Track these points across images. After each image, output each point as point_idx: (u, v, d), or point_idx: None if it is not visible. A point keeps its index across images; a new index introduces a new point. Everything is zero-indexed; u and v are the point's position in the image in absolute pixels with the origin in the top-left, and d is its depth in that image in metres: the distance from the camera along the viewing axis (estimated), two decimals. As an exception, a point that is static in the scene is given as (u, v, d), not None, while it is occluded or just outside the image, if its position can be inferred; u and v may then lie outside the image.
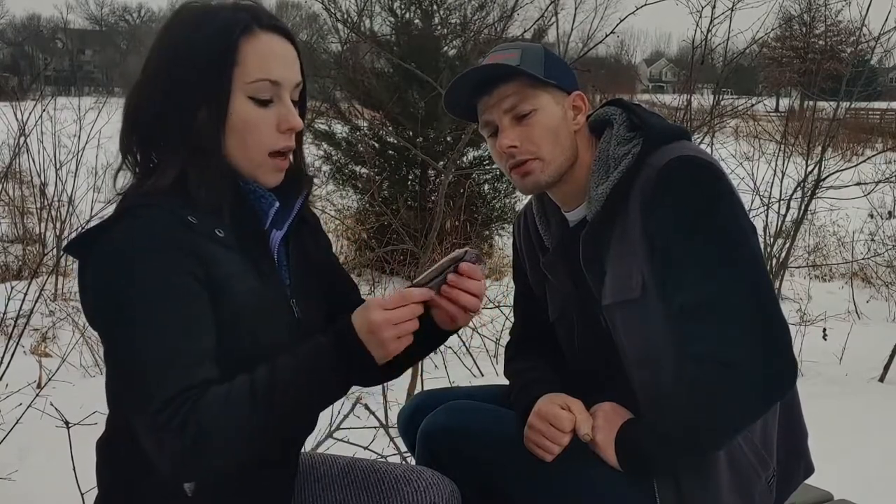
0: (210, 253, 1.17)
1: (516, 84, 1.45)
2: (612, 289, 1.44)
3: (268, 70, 1.21)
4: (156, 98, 1.21)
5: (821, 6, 8.26)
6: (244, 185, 1.25)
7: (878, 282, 6.42)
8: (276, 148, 1.24)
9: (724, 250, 1.35)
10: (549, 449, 1.43)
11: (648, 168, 1.40)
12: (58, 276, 5.36)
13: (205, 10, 1.23)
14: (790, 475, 1.53)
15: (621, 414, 1.43)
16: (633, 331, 1.43)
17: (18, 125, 5.40)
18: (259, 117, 1.22)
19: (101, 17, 75.47)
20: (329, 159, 7.21)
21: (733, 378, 1.32)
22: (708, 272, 1.34)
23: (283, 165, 1.27)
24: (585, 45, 5.63)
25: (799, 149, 5.54)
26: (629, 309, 1.42)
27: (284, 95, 1.24)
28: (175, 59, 1.21)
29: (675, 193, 1.36)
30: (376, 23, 7.24)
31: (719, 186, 1.38)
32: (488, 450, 1.50)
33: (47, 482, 2.80)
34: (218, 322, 1.17)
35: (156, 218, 1.15)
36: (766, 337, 1.33)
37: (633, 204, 1.40)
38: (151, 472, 1.20)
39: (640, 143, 1.44)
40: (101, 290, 1.15)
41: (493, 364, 4.33)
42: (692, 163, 1.39)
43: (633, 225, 1.40)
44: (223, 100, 1.20)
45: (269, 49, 1.22)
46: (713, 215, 1.36)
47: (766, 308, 1.34)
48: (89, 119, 6.43)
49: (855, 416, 3.70)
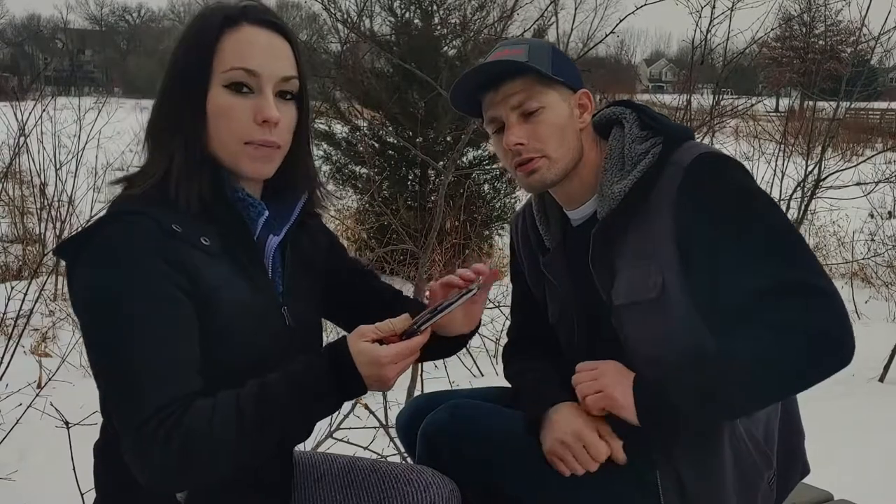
0: (195, 261, 1.16)
1: (524, 80, 1.44)
2: (625, 288, 1.42)
3: (243, 59, 1.20)
4: (156, 100, 1.24)
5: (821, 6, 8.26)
6: (232, 192, 1.24)
7: (877, 282, 6.43)
8: (251, 139, 1.22)
9: (774, 231, 1.34)
10: (573, 468, 1.41)
11: (673, 166, 1.39)
12: (58, 276, 5.36)
13: (204, 10, 1.24)
14: (789, 475, 1.53)
15: (626, 373, 1.39)
16: (646, 330, 1.41)
17: (18, 125, 5.39)
18: (233, 105, 1.20)
19: (101, 17, 75.49)
20: (329, 159, 7.21)
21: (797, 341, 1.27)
22: (766, 254, 1.31)
23: (263, 155, 1.23)
24: (585, 45, 5.64)
25: (799, 149, 5.55)
26: (644, 309, 1.40)
27: (266, 87, 1.22)
28: (171, 59, 1.23)
29: (711, 191, 1.35)
30: (376, 23, 7.25)
31: (748, 178, 1.38)
32: (488, 450, 1.50)
33: (47, 482, 2.81)
34: (205, 332, 1.15)
35: (135, 226, 1.14)
36: (835, 304, 1.29)
37: (657, 203, 1.39)
38: None
39: (660, 140, 1.43)
40: (84, 297, 1.14)
41: (493, 364, 4.33)
42: (719, 159, 1.39)
43: (656, 224, 1.39)
44: (202, 89, 1.20)
45: (249, 39, 1.22)
46: (752, 203, 1.35)
47: (826, 279, 1.32)
48: (89, 119, 6.44)
49: (855, 416, 3.70)
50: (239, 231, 1.24)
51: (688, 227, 1.36)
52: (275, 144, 1.24)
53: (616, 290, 1.43)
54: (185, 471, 1.09)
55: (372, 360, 1.16)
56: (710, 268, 1.34)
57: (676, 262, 1.37)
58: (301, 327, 1.30)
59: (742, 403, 1.33)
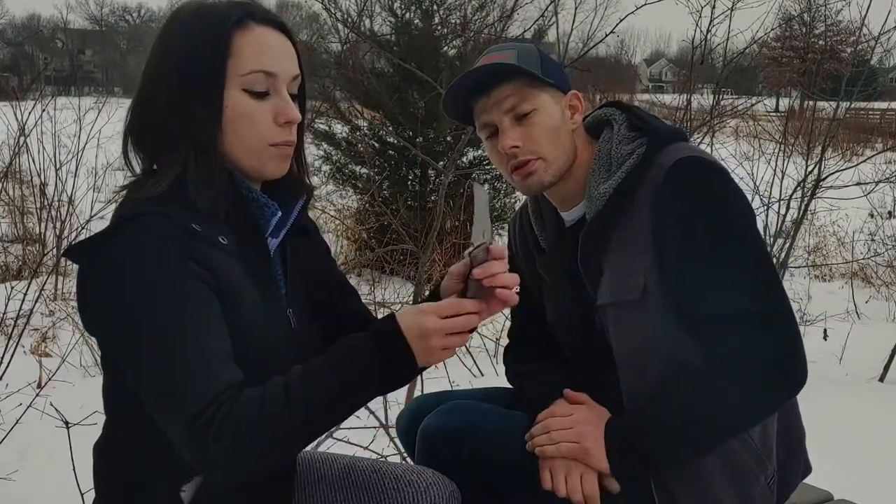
0: (216, 260, 1.15)
1: (515, 84, 1.44)
2: (609, 288, 1.43)
3: (262, 61, 1.19)
4: (156, 101, 1.20)
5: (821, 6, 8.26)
6: (247, 192, 1.23)
7: (878, 282, 6.43)
8: (274, 141, 1.22)
9: (743, 255, 1.35)
10: None
11: (655, 168, 1.39)
12: (58, 276, 5.36)
13: (199, 8, 1.22)
14: (789, 475, 1.53)
15: (600, 419, 1.42)
16: (625, 332, 1.42)
17: (18, 125, 5.39)
18: (255, 109, 1.20)
19: (101, 17, 75.47)
20: (329, 159, 7.21)
21: (754, 377, 1.31)
22: (728, 278, 1.33)
23: (286, 153, 1.24)
24: (585, 45, 5.64)
25: (799, 149, 5.55)
26: (625, 310, 1.41)
27: (281, 88, 1.22)
28: (172, 58, 1.20)
29: (687, 196, 1.35)
30: (376, 23, 7.26)
31: (728, 188, 1.38)
32: (488, 450, 1.50)
33: (47, 482, 2.80)
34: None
35: (159, 225, 1.12)
36: (786, 339, 1.33)
37: (640, 204, 1.39)
38: (148, 476, 1.20)
39: (644, 142, 1.44)
40: (113, 302, 1.11)
41: (493, 364, 4.33)
42: (700, 164, 1.38)
43: (638, 225, 1.39)
44: (218, 93, 1.18)
45: (263, 41, 1.21)
46: (728, 220, 1.35)
47: (783, 310, 1.34)
48: (89, 119, 6.44)
49: (855, 416, 3.70)
50: (252, 231, 1.23)
51: (663, 231, 1.37)
52: (293, 143, 1.25)
53: (601, 289, 1.44)
54: (242, 460, 1.08)
55: (417, 328, 1.13)
56: (679, 275, 1.35)
57: (656, 264, 1.37)
58: (305, 330, 1.30)
59: (710, 446, 1.37)
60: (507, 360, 1.71)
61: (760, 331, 1.32)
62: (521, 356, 1.67)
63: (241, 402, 1.08)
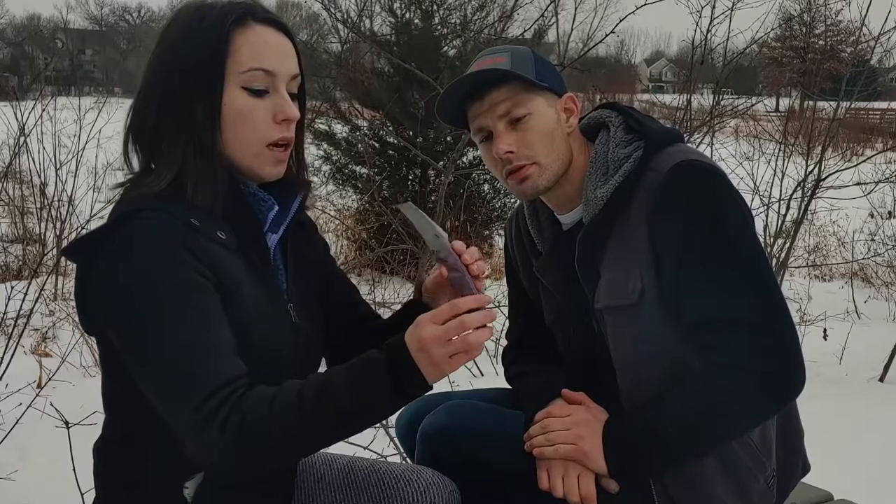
0: (216, 255, 1.16)
1: (509, 88, 1.43)
2: (606, 292, 1.43)
3: (261, 59, 1.20)
4: (155, 100, 1.20)
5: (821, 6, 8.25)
6: (245, 187, 1.24)
7: (877, 282, 6.43)
8: (272, 139, 1.22)
9: (740, 260, 1.35)
10: None
11: (653, 172, 1.39)
12: (58, 276, 5.36)
13: (199, 7, 1.22)
14: (789, 474, 1.53)
15: (598, 420, 1.42)
16: (622, 335, 1.42)
17: (18, 125, 5.39)
18: (254, 107, 1.20)
19: (101, 17, 75.46)
20: (329, 159, 7.21)
21: (752, 382, 1.32)
22: (725, 284, 1.33)
23: (283, 157, 1.25)
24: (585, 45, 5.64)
25: (799, 149, 5.54)
26: (622, 313, 1.41)
27: (280, 86, 1.22)
28: (171, 56, 1.21)
29: (684, 200, 1.35)
30: (376, 23, 7.26)
31: (725, 192, 1.38)
32: (488, 450, 1.50)
33: (47, 482, 2.81)
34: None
35: (158, 221, 1.13)
36: (784, 344, 1.33)
37: (637, 208, 1.39)
38: (149, 475, 1.20)
39: (641, 145, 1.43)
40: (115, 295, 1.12)
41: (493, 364, 4.32)
42: (697, 168, 1.38)
43: (635, 229, 1.39)
44: (217, 91, 1.18)
45: (262, 39, 1.21)
46: (725, 224, 1.35)
47: (780, 315, 1.34)
48: (89, 119, 6.43)
49: (855, 416, 3.70)
50: (251, 227, 1.24)
51: (660, 235, 1.37)
52: (291, 142, 1.25)
53: (598, 293, 1.44)
54: (245, 455, 1.08)
55: (416, 340, 1.10)
56: (676, 280, 1.36)
57: (654, 269, 1.37)
58: (306, 326, 1.31)
59: (708, 449, 1.38)
60: (506, 360, 1.71)
61: (758, 336, 1.32)
62: (520, 357, 1.67)
63: (251, 398, 1.08)
